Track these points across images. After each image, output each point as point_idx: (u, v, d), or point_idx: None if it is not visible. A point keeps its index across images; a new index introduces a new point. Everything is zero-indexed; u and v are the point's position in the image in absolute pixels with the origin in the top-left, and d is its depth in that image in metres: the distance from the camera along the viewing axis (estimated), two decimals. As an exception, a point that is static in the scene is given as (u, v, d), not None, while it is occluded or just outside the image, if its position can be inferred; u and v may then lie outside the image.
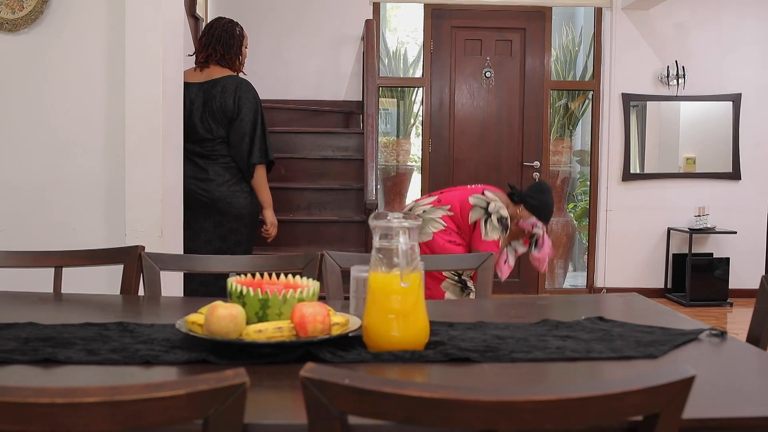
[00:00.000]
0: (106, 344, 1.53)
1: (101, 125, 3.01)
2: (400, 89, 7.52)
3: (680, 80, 6.38)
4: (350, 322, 1.55)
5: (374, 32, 5.72)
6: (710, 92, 6.48)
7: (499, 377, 1.39)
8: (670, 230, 6.48)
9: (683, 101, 6.48)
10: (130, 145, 2.96)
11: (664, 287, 6.52)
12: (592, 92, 6.70)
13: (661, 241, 6.53)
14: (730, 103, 6.49)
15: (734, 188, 6.53)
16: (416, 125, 7.40)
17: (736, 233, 6.36)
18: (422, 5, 6.50)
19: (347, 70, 6.34)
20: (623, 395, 0.99)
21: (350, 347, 1.52)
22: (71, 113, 3.02)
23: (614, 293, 3.80)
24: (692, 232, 6.27)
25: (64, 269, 2.25)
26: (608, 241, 6.55)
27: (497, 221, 3.57)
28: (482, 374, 1.40)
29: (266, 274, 1.64)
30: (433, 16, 6.49)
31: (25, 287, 2.28)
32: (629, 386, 0.99)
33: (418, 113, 7.24)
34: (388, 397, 0.96)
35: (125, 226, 2.95)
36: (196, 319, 1.50)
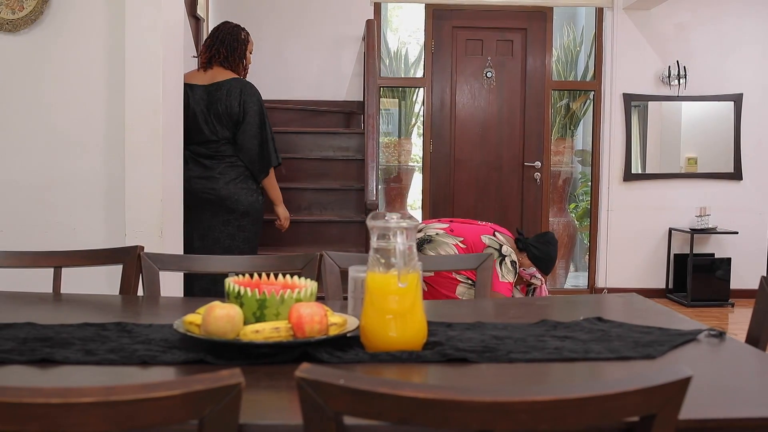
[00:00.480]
0: (104, 344, 1.53)
1: (101, 125, 3.02)
2: (401, 89, 7.52)
3: (681, 80, 6.38)
4: (348, 322, 1.55)
5: (375, 32, 5.72)
6: (711, 92, 6.47)
7: (496, 378, 1.39)
8: (671, 230, 6.47)
9: (684, 101, 6.48)
10: (130, 145, 2.96)
11: (665, 287, 6.51)
12: (593, 92, 6.70)
13: (662, 241, 6.52)
14: (731, 103, 6.48)
15: (736, 188, 6.53)
16: (417, 125, 7.39)
17: (737, 233, 6.35)
18: (423, 5, 6.50)
19: (348, 70, 6.34)
20: (619, 396, 0.99)
21: (348, 347, 1.51)
22: (71, 113, 3.02)
23: (613, 293, 3.79)
24: (693, 232, 6.26)
25: (64, 269, 2.26)
26: (609, 241, 6.54)
27: (510, 264, 3.58)
28: (480, 375, 1.40)
29: (264, 274, 1.64)
30: (434, 16, 6.49)
31: (24, 287, 2.28)
32: (625, 387, 0.99)
33: (419, 113, 7.24)
34: (383, 397, 0.96)
35: (125, 226, 2.96)
36: (193, 319, 1.50)
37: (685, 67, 6.37)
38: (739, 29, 6.46)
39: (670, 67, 6.39)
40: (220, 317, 1.42)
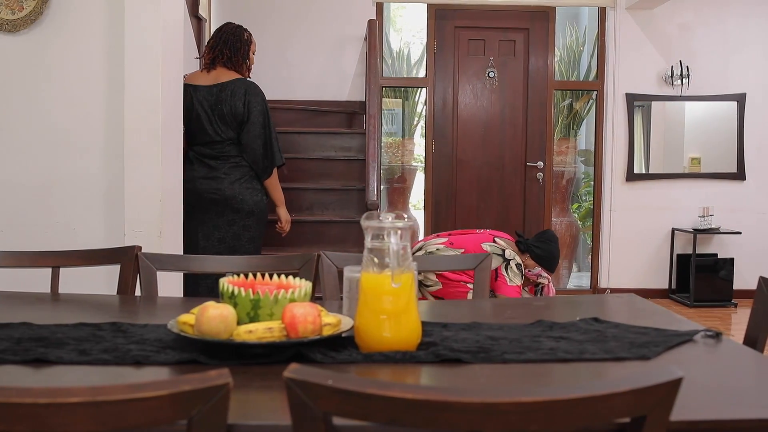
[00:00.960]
0: (98, 344, 1.53)
1: (101, 125, 3.02)
2: (404, 89, 7.51)
3: (684, 80, 6.36)
4: (342, 322, 1.55)
5: (377, 32, 5.71)
6: (715, 92, 6.45)
7: (489, 378, 1.38)
8: (674, 230, 6.45)
9: (687, 101, 6.46)
10: (129, 145, 2.96)
11: (668, 288, 6.49)
12: (595, 92, 6.68)
13: (665, 241, 6.50)
14: (734, 103, 6.46)
15: (739, 188, 6.50)
16: (420, 125, 7.38)
17: (740, 234, 6.33)
18: (425, 5, 6.49)
19: (350, 70, 6.34)
20: (609, 397, 0.98)
21: (342, 348, 1.51)
22: (71, 113, 3.02)
23: (610, 294, 3.78)
24: (696, 232, 6.24)
25: (64, 270, 2.26)
26: (612, 241, 6.52)
27: (516, 267, 3.63)
28: (473, 375, 1.39)
29: (259, 274, 1.63)
30: (436, 16, 6.48)
31: (24, 287, 2.29)
32: (615, 388, 0.99)
33: (421, 113, 7.23)
34: (371, 398, 0.96)
35: (124, 226, 2.96)
36: (187, 319, 1.50)
37: (688, 66, 6.36)
38: (742, 29, 6.44)
39: (672, 66, 6.37)
40: (213, 317, 1.42)
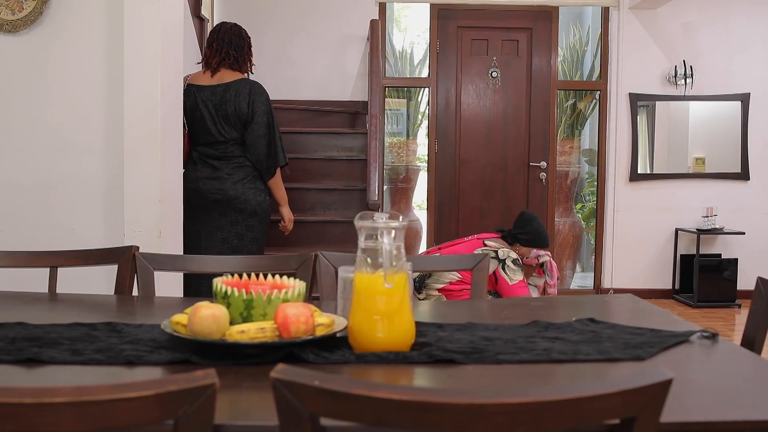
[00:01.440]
0: (92, 344, 1.53)
1: (100, 126, 3.02)
2: (407, 89, 7.51)
3: (688, 80, 6.34)
4: (336, 322, 1.54)
5: (379, 32, 5.71)
6: (719, 92, 6.42)
7: (482, 379, 1.37)
8: (677, 231, 6.43)
9: (691, 101, 6.44)
10: (128, 145, 2.96)
11: (672, 288, 6.47)
12: (599, 92, 6.67)
13: (668, 241, 6.48)
14: (738, 102, 6.44)
15: (743, 188, 6.48)
16: (423, 126, 7.38)
17: (744, 234, 6.31)
18: (428, 5, 6.48)
19: (353, 70, 6.33)
20: (597, 398, 0.97)
21: (335, 348, 1.51)
22: (70, 114, 3.03)
23: (610, 294, 3.75)
24: (700, 232, 6.22)
25: (64, 270, 2.26)
26: (615, 241, 6.51)
27: (512, 263, 3.64)
28: (465, 376, 1.39)
29: (254, 274, 1.63)
30: (439, 16, 6.47)
31: (23, 287, 2.29)
32: (604, 389, 0.98)
33: (425, 113, 7.22)
34: (357, 398, 0.95)
35: (124, 226, 2.96)
36: (180, 319, 1.50)
37: (691, 66, 6.33)
38: (746, 29, 6.42)
39: (676, 66, 6.35)
40: (205, 317, 1.42)
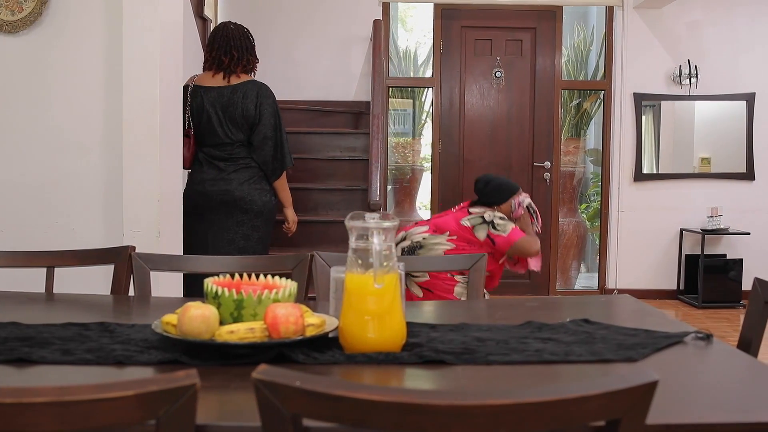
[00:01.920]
0: (83, 344, 1.53)
1: (99, 126, 3.03)
2: (411, 89, 7.50)
3: (693, 79, 6.31)
4: (326, 323, 1.54)
5: (382, 32, 5.70)
6: (724, 92, 6.39)
7: (471, 380, 1.37)
8: (682, 231, 6.40)
9: (696, 101, 6.41)
10: (127, 145, 2.97)
11: (676, 288, 6.44)
12: (603, 92, 6.65)
13: (673, 241, 6.46)
14: (743, 102, 6.40)
15: (748, 188, 6.45)
16: (427, 125, 7.37)
17: (749, 234, 6.27)
18: (432, 5, 6.48)
19: (357, 70, 6.33)
20: (582, 400, 0.97)
21: (326, 349, 1.50)
22: (70, 114, 3.03)
23: (615, 294, 3.75)
24: (705, 233, 6.19)
25: (63, 270, 2.26)
26: (620, 241, 6.48)
27: (500, 219, 3.75)
28: (455, 377, 1.38)
29: (246, 274, 1.63)
30: (443, 16, 6.46)
31: (21, 287, 2.29)
32: (588, 391, 0.97)
33: (429, 113, 7.21)
34: (339, 399, 0.95)
35: (123, 226, 2.96)
36: (170, 319, 1.50)
37: (696, 66, 6.31)
38: (750, 28, 6.39)
39: (681, 66, 6.32)
40: (194, 317, 1.42)
